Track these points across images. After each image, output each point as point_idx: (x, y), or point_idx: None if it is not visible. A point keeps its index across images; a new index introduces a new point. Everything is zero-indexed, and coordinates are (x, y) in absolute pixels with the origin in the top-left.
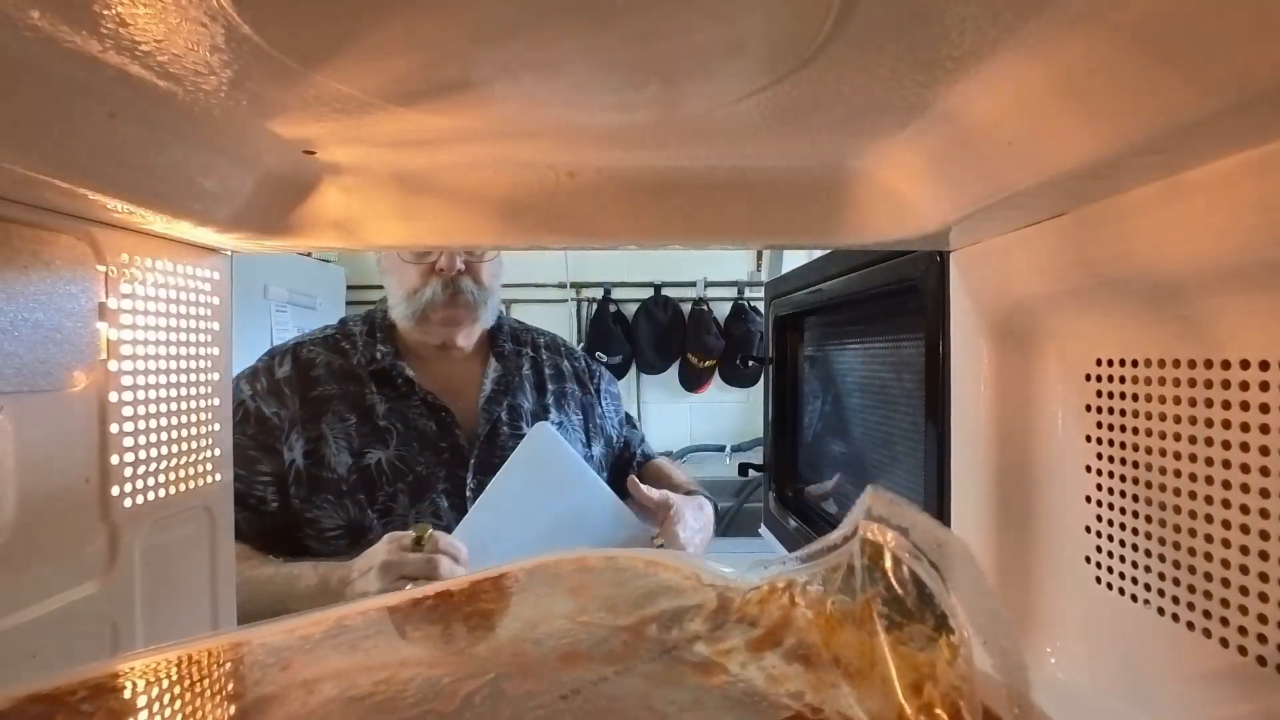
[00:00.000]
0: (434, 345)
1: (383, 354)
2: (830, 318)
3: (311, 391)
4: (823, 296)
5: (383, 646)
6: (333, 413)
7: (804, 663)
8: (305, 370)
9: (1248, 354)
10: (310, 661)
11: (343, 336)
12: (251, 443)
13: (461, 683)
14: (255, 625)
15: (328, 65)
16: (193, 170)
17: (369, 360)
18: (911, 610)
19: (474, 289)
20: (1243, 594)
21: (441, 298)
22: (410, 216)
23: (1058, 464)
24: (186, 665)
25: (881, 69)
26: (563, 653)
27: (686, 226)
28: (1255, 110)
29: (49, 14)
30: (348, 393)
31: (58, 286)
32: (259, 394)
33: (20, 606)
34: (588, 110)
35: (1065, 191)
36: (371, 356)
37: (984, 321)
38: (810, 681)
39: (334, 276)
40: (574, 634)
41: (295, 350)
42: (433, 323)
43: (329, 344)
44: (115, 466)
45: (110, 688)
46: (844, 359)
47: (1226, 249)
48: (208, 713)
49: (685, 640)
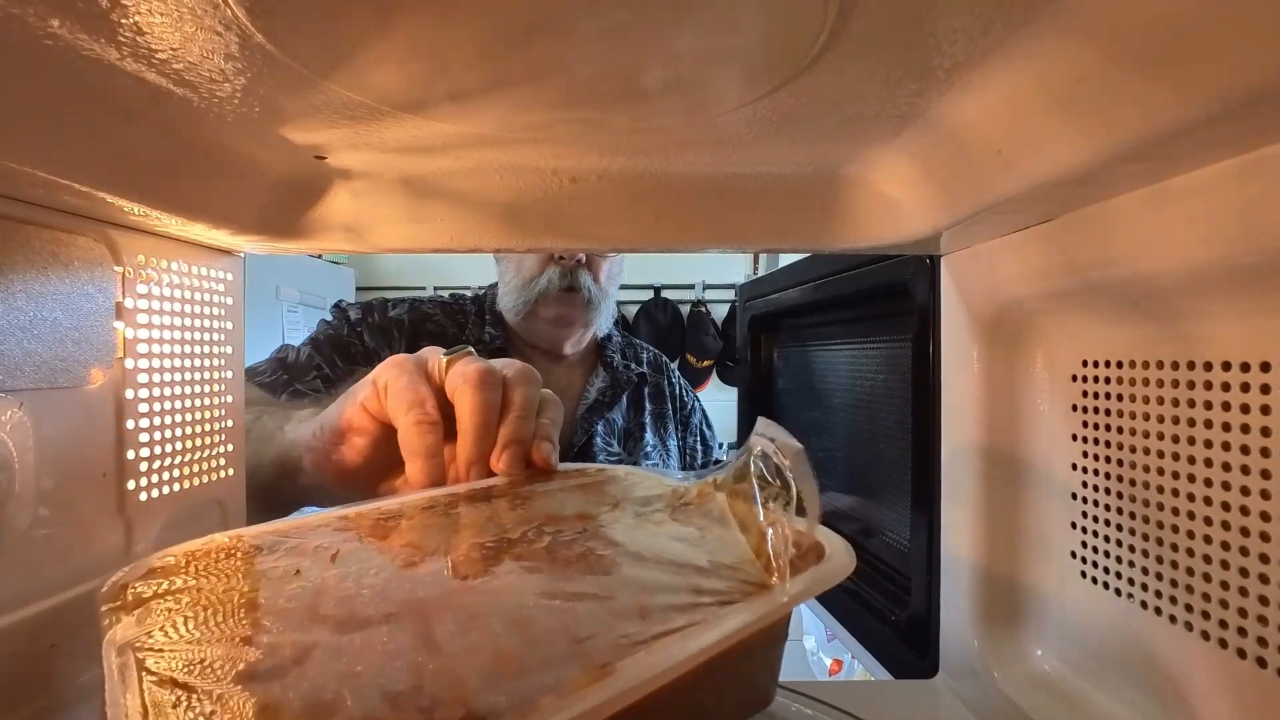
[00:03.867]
0: (541, 347)
1: (492, 336)
2: (808, 320)
3: (420, 344)
4: (802, 298)
5: (462, 509)
6: None
7: (720, 522)
8: (421, 323)
9: (1228, 356)
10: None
11: (458, 309)
12: (362, 349)
13: (515, 526)
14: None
15: (339, 73)
16: (207, 174)
17: (479, 339)
18: (773, 485)
19: (591, 285)
20: (1224, 588)
21: (558, 287)
22: (418, 220)
23: (1044, 462)
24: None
25: (875, 79)
26: (578, 514)
27: (685, 231)
28: (1235, 120)
29: (68, 23)
30: None
31: (76, 287)
32: (367, 324)
33: (40, 598)
34: (591, 118)
35: (1053, 198)
36: (481, 336)
37: (974, 324)
38: (719, 530)
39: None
40: (584, 507)
41: (414, 304)
42: (542, 319)
43: (446, 310)
44: (131, 461)
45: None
46: (824, 361)
47: (1207, 254)
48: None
49: (650, 510)
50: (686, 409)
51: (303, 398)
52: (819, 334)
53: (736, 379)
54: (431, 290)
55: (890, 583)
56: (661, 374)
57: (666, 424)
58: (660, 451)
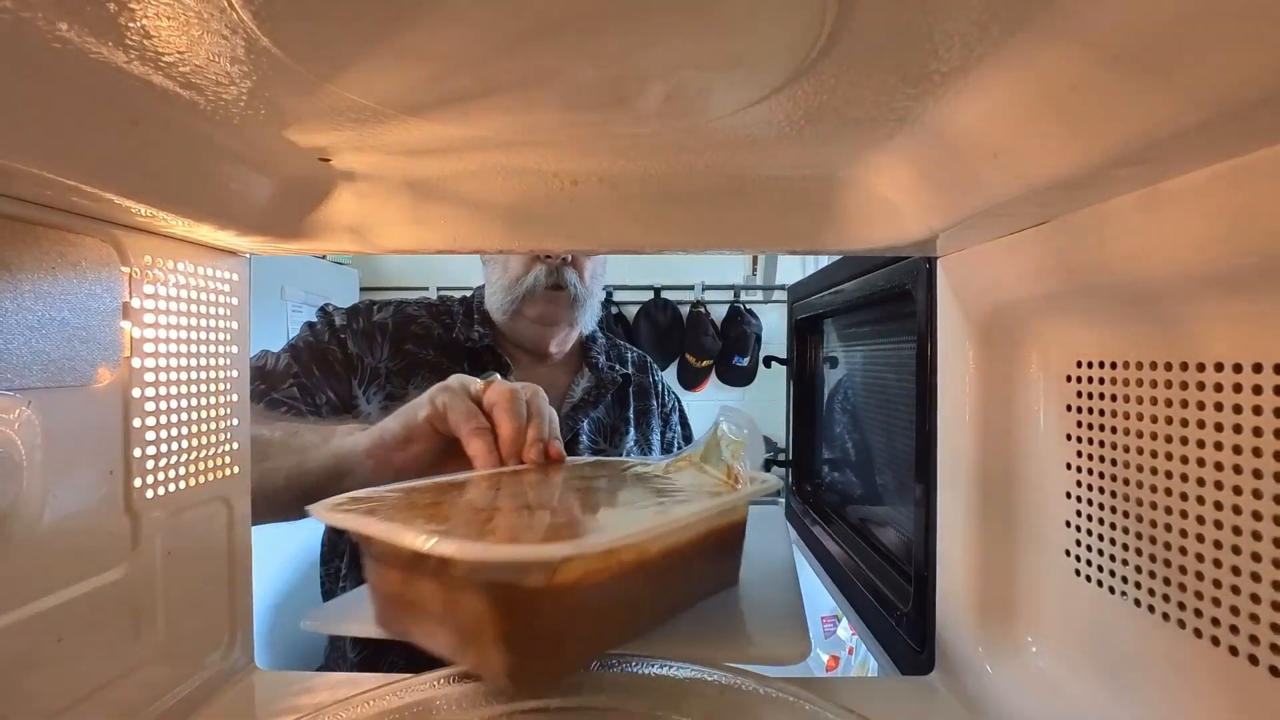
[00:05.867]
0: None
1: (480, 334)
2: (841, 320)
3: (405, 346)
4: (833, 300)
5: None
6: (422, 378)
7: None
8: (405, 325)
9: (1221, 357)
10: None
11: (444, 310)
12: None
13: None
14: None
15: (343, 76)
16: (213, 176)
17: (467, 337)
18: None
19: (577, 283)
20: (1216, 587)
21: (544, 284)
22: (421, 221)
23: (1039, 461)
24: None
25: (872, 83)
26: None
27: (684, 233)
28: (1228, 124)
29: (77, 26)
30: (441, 364)
31: (83, 287)
32: (351, 330)
33: (47, 593)
34: (592, 122)
35: (1048, 201)
36: (469, 335)
37: (970, 325)
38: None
39: (348, 278)
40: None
41: (399, 306)
42: (527, 318)
43: (432, 310)
44: (138, 459)
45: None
46: (853, 360)
47: (1201, 257)
48: None
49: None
50: (667, 407)
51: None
52: (848, 335)
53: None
54: (434, 290)
55: (900, 576)
56: (646, 373)
57: (650, 420)
58: (642, 446)
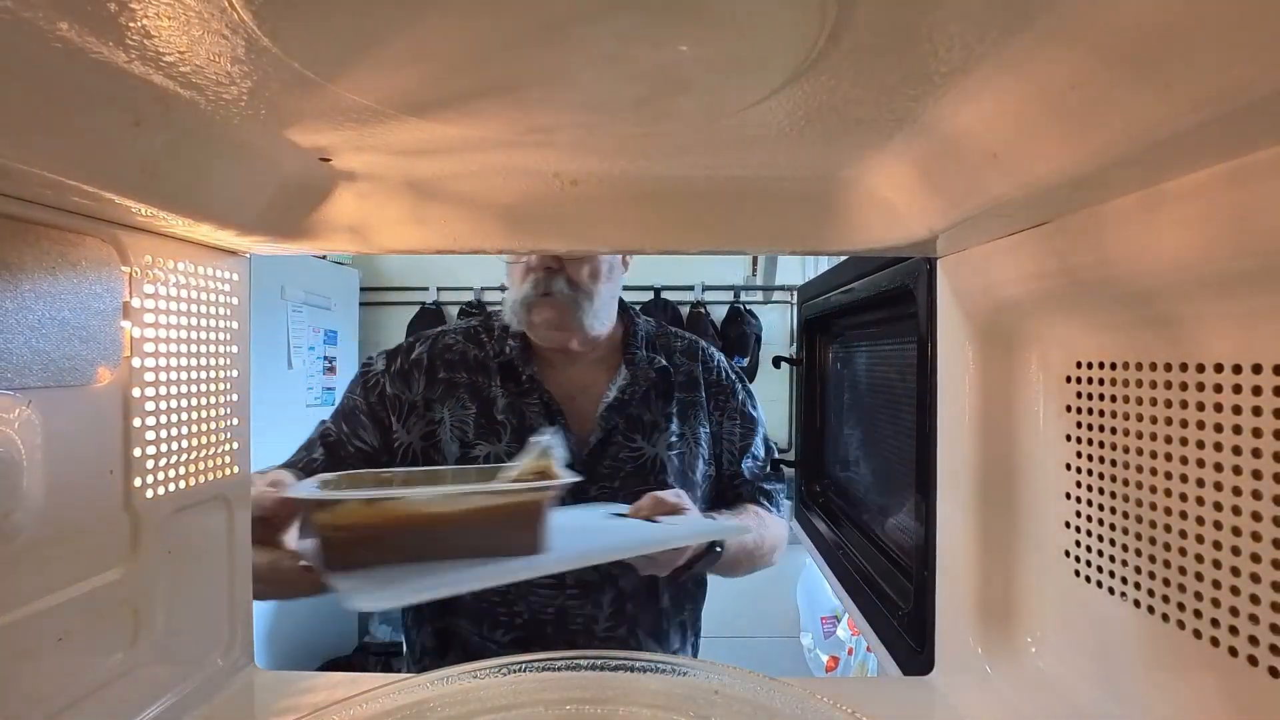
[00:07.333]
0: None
1: (511, 349)
2: (847, 321)
3: (438, 375)
4: (839, 301)
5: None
6: (456, 399)
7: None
8: (439, 355)
9: (1220, 357)
10: None
11: (483, 329)
12: (366, 409)
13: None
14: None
15: (343, 76)
16: (214, 176)
17: (498, 353)
18: (542, 454)
19: (564, 288)
20: (1214, 587)
21: (533, 296)
22: (421, 221)
23: (1039, 462)
24: None
25: (872, 84)
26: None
27: (684, 233)
28: (1227, 126)
29: (77, 25)
30: (474, 382)
31: (84, 287)
32: (390, 372)
33: (48, 591)
34: (592, 122)
35: (1047, 201)
36: (501, 350)
37: (969, 325)
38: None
39: (348, 278)
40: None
41: (438, 337)
42: (535, 325)
43: (469, 334)
44: (138, 458)
45: None
46: (860, 361)
47: (1199, 258)
48: None
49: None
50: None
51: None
52: (853, 335)
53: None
54: (434, 291)
55: (903, 576)
56: (696, 360)
57: (697, 412)
58: (688, 441)
